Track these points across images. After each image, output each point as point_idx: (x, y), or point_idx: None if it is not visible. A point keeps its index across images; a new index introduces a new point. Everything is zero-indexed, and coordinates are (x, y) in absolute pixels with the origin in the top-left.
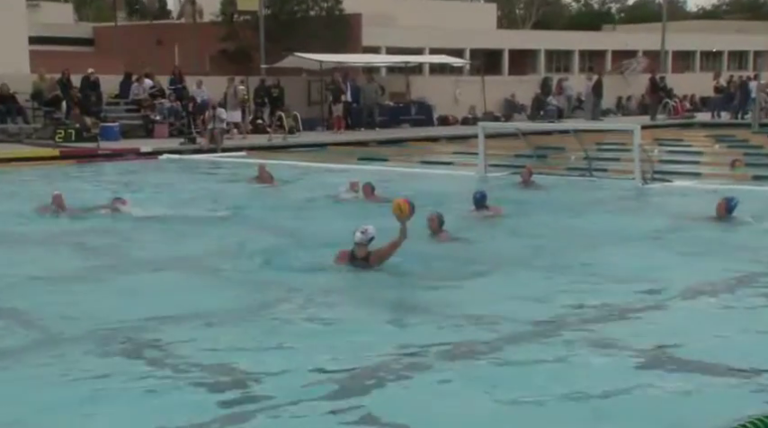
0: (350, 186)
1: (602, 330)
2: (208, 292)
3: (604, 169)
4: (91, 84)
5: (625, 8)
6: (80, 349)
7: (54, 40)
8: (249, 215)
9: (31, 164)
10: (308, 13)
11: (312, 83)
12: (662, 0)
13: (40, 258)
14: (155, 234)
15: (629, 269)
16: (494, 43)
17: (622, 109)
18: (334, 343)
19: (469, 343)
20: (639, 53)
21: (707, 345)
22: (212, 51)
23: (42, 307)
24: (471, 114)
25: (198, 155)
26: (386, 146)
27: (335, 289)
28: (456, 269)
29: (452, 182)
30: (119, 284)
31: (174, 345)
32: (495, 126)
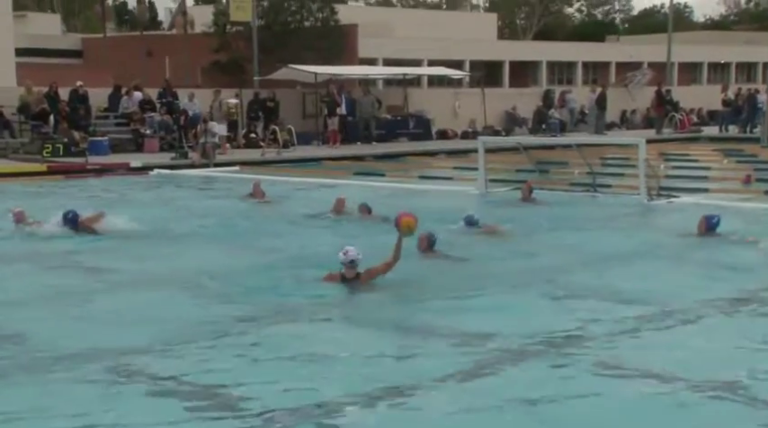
0: (336, 203)
1: (605, 350)
2: (195, 311)
3: (608, 185)
4: (79, 98)
5: (629, 19)
6: (64, 370)
7: (41, 52)
8: (239, 232)
9: (18, 179)
10: (303, 24)
11: (307, 95)
12: (668, 10)
13: (22, 276)
14: (141, 251)
15: (632, 288)
16: (494, 54)
17: (627, 122)
18: (326, 363)
19: (466, 364)
20: (644, 65)
21: (712, 365)
22: (204, 63)
23: (26, 326)
24: (471, 128)
25: (190, 169)
26: (383, 160)
27: (326, 308)
28: (452, 287)
29: (451, 198)
30: (103, 303)
31: (159, 366)
32: (495, 140)
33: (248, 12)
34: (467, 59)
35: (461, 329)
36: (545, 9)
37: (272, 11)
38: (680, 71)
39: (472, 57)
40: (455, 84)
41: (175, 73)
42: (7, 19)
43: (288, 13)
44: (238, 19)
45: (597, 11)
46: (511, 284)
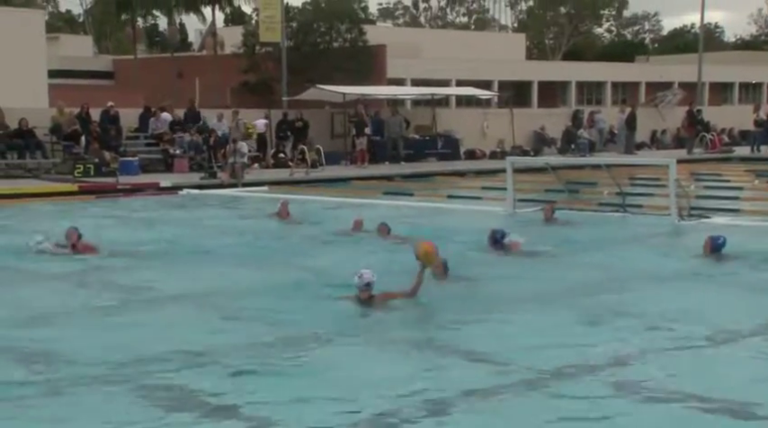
0: (354, 225)
1: (634, 372)
2: (217, 330)
3: (639, 205)
4: (110, 118)
5: (659, 39)
6: (86, 387)
7: (73, 74)
8: (261, 251)
9: (50, 199)
10: (332, 45)
11: (335, 115)
12: (698, 30)
13: (49, 294)
14: (166, 269)
15: (662, 308)
16: (523, 75)
17: (657, 142)
18: (345, 383)
19: (489, 386)
20: (675, 85)
21: (742, 387)
22: (233, 84)
23: (54, 344)
24: (499, 148)
25: (218, 189)
26: (411, 180)
27: (345, 328)
28: (471, 308)
29: (480, 217)
30: (129, 321)
31: (183, 384)
32: (524, 160)
33: (278, 33)
34: (495, 80)
35: (484, 350)
36: (574, 29)
37: (302, 32)
38: (711, 91)
39: (501, 77)
40: (483, 105)
41: (205, 93)
42: (40, 41)
43: (317, 34)
44: (268, 40)
45: (627, 31)
46: (537, 304)
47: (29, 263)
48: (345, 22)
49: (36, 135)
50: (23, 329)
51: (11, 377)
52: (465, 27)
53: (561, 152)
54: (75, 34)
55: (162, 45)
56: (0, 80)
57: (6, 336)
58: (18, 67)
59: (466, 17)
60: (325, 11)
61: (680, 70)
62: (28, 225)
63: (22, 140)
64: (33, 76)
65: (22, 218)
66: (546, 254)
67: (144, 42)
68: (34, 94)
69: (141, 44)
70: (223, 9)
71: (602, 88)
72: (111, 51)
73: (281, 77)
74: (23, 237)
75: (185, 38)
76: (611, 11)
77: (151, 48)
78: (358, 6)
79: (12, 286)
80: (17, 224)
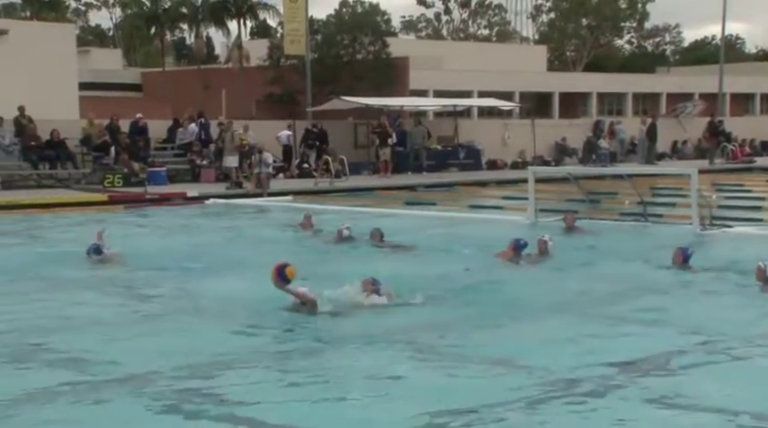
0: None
1: (658, 381)
2: (238, 338)
3: (660, 214)
4: (139, 130)
5: (680, 50)
6: (118, 395)
7: (103, 86)
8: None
9: (80, 209)
10: (355, 57)
11: (358, 126)
12: (719, 41)
13: (83, 302)
14: (190, 278)
15: (684, 318)
16: (544, 86)
17: (678, 153)
18: (365, 392)
19: (513, 395)
20: (695, 96)
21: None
22: (259, 95)
23: (84, 350)
24: (521, 158)
25: (244, 199)
26: (433, 190)
27: (365, 336)
28: (490, 316)
29: (501, 227)
30: (154, 329)
31: (206, 392)
32: (545, 170)
33: (302, 45)
34: (516, 91)
35: (502, 359)
36: (595, 41)
37: (326, 44)
38: (732, 102)
39: (522, 88)
40: (505, 115)
41: (231, 105)
42: (72, 55)
43: (340, 46)
44: (292, 53)
45: (648, 42)
46: (557, 313)
47: (61, 271)
48: (369, 34)
49: (67, 146)
50: (54, 335)
51: (40, 381)
52: (487, 39)
53: (582, 162)
54: (105, 48)
55: (189, 58)
56: (33, 92)
57: (38, 342)
58: (50, 80)
59: (487, 29)
60: (349, 24)
61: (701, 81)
62: (60, 234)
63: (54, 151)
64: (65, 89)
65: (55, 228)
66: (566, 262)
67: (171, 55)
68: (65, 106)
69: (169, 57)
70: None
71: (623, 99)
72: (139, 64)
73: (305, 89)
74: (57, 246)
75: (212, 51)
76: (632, 23)
77: (179, 60)
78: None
79: (45, 293)
80: (50, 233)
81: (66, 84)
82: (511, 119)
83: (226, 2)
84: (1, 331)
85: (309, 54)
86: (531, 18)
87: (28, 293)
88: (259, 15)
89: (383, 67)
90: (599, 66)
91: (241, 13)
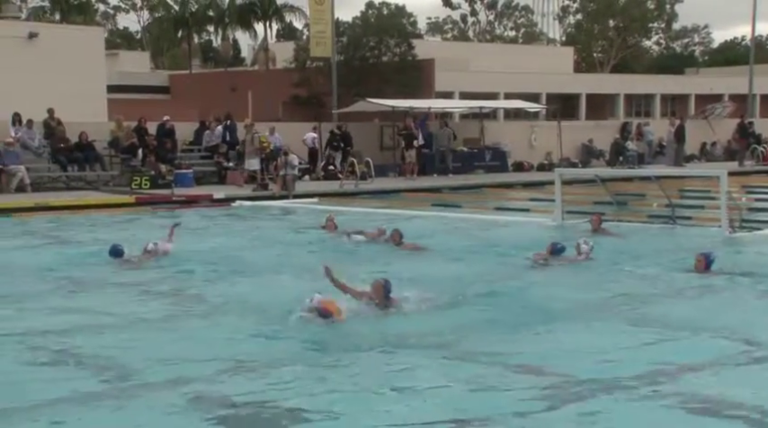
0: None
1: (690, 385)
2: (266, 339)
3: (688, 217)
4: (166, 132)
5: (709, 51)
6: (145, 397)
7: (131, 89)
8: (309, 262)
9: (108, 210)
10: (381, 59)
11: (384, 128)
12: (749, 42)
13: (110, 304)
14: (217, 279)
15: (712, 322)
16: (571, 87)
17: (707, 154)
18: (393, 395)
19: (543, 398)
20: (725, 97)
21: None
22: (285, 97)
23: (111, 351)
24: (547, 160)
25: (270, 201)
26: (459, 192)
27: (390, 339)
28: (519, 319)
29: (528, 229)
30: (184, 330)
31: (236, 392)
32: (572, 172)
33: (328, 48)
34: (543, 92)
35: (532, 363)
36: (622, 42)
37: (351, 46)
38: (762, 103)
39: (548, 90)
40: (531, 117)
41: (257, 107)
42: (100, 58)
43: (366, 48)
44: (318, 55)
45: (676, 44)
46: (585, 315)
47: (88, 272)
48: (394, 36)
49: (95, 148)
50: (82, 336)
51: (68, 383)
52: (513, 41)
53: (609, 164)
54: (133, 50)
55: (216, 60)
56: (62, 95)
57: (70, 343)
58: (79, 83)
59: (514, 31)
60: (375, 26)
61: (730, 82)
62: (87, 235)
63: (82, 153)
64: (93, 91)
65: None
66: (592, 265)
67: (198, 58)
68: (94, 109)
69: (196, 59)
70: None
71: (651, 100)
72: (166, 67)
73: (331, 91)
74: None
75: (238, 53)
76: (660, 24)
77: (205, 63)
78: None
79: (72, 294)
80: (78, 235)
81: (94, 87)
82: (537, 120)
83: (252, 4)
84: (28, 333)
85: (335, 56)
86: (558, 19)
87: (55, 294)
88: (285, 18)
89: (409, 69)
90: (627, 67)
91: (267, 16)
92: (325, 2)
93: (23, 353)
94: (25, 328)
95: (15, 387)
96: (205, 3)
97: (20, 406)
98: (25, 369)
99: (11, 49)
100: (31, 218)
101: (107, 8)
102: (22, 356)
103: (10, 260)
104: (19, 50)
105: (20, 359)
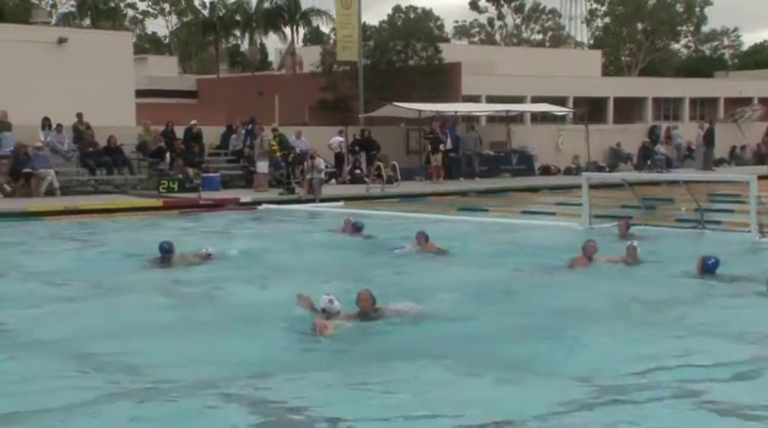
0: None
1: (715, 389)
2: (292, 344)
3: (718, 221)
4: (193, 136)
5: (739, 54)
6: (173, 399)
7: (159, 93)
8: (333, 266)
9: (136, 214)
10: (407, 63)
11: (411, 132)
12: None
13: (137, 307)
14: (244, 282)
15: (741, 326)
16: (598, 91)
17: (736, 158)
18: (421, 400)
19: (572, 402)
20: (755, 100)
21: None
22: (311, 101)
23: (136, 355)
24: (574, 164)
25: (296, 205)
26: (486, 196)
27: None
28: (545, 323)
29: (555, 233)
30: (207, 333)
31: (259, 397)
32: (600, 176)
33: (355, 52)
34: (570, 96)
35: (558, 367)
36: (651, 45)
37: (378, 51)
38: None
39: (576, 93)
40: (558, 121)
41: (284, 111)
42: (128, 62)
43: (393, 52)
44: (345, 59)
45: (705, 47)
46: (612, 319)
47: (116, 276)
48: (421, 40)
49: (123, 152)
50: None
51: (95, 386)
52: (540, 44)
53: (637, 168)
54: (161, 55)
55: (243, 64)
56: (91, 99)
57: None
58: (108, 87)
59: (541, 34)
60: (402, 30)
61: (760, 85)
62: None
63: (111, 157)
64: (122, 96)
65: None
66: (618, 269)
67: (226, 62)
68: (122, 113)
69: (223, 64)
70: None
71: (679, 104)
72: (194, 71)
73: (357, 95)
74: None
75: (265, 57)
76: (689, 27)
77: (233, 67)
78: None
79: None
80: (106, 238)
81: (123, 91)
82: (564, 124)
83: (279, 9)
84: (56, 337)
85: (362, 60)
86: (586, 23)
87: (83, 297)
88: (312, 22)
89: (435, 73)
90: (655, 70)
91: (294, 20)
92: (352, 6)
93: (48, 357)
94: (51, 332)
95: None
96: (233, 7)
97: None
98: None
99: (41, 54)
100: (61, 221)
101: (136, 13)
102: (48, 360)
103: (41, 263)
104: (49, 55)
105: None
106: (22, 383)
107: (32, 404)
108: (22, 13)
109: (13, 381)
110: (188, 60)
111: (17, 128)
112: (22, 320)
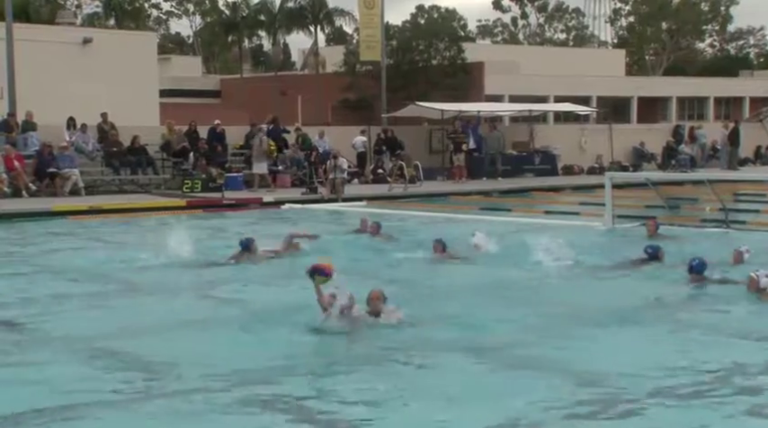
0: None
1: (748, 391)
2: (312, 342)
3: (742, 221)
4: (217, 136)
5: (765, 53)
6: (192, 399)
7: (183, 93)
8: (356, 266)
9: (160, 214)
10: (430, 63)
11: (433, 131)
12: None
13: (160, 305)
14: (264, 281)
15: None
16: (622, 90)
17: (761, 158)
18: (439, 399)
19: (599, 404)
20: None
21: None
22: (334, 101)
23: (158, 354)
24: (598, 164)
25: (319, 204)
26: (509, 196)
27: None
28: (570, 325)
29: (578, 233)
30: (228, 333)
31: (282, 395)
32: (623, 176)
33: (377, 51)
34: (594, 95)
35: (581, 369)
36: (675, 45)
37: (401, 50)
38: None
39: (599, 93)
40: (581, 120)
41: (307, 111)
42: (153, 62)
43: (416, 52)
44: (368, 59)
45: (730, 46)
46: (641, 320)
47: (138, 275)
48: (444, 40)
49: (147, 152)
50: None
51: (110, 385)
52: (563, 44)
53: (662, 168)
54: (185, 55)
55: (266, 64)
56: (115, 99)
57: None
58: (132, 87)
59: (564, 34)
60: (425, 29)
61: None
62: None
63: (135, 157)
64: (146, 96)
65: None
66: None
67: (249, 62)
68: (146, 113)
69: (247, 64)
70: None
71: (704, 103)
72: (218, 71)
73: (380, 95)
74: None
75: (288, 57)
76: (714, 26)
77: (256, 67)
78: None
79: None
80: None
81: (147, 92)
82: (588, 124)
83: (303, 9)
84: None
85: (385, 60)
86: (610, 22)
87: (107, 297)
88: (335, 22)
89: (459, 73)
90: (679, 70)
91: (317, 20)
92: (375, 6)
93: (73, 355)
94: (76, 330)
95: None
96: (256, 7)
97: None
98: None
99: (66, 54)
100: (86, 220)
101: (160, 14)
102: (73, 357)
103: (70, 261)
104: (73, 56)
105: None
106: (53, 381)
107: (62, 399)
108: (48, 14)
109: (42, 381)
110: (212, 60)
111: (42, 128)
112: (48, 318)
